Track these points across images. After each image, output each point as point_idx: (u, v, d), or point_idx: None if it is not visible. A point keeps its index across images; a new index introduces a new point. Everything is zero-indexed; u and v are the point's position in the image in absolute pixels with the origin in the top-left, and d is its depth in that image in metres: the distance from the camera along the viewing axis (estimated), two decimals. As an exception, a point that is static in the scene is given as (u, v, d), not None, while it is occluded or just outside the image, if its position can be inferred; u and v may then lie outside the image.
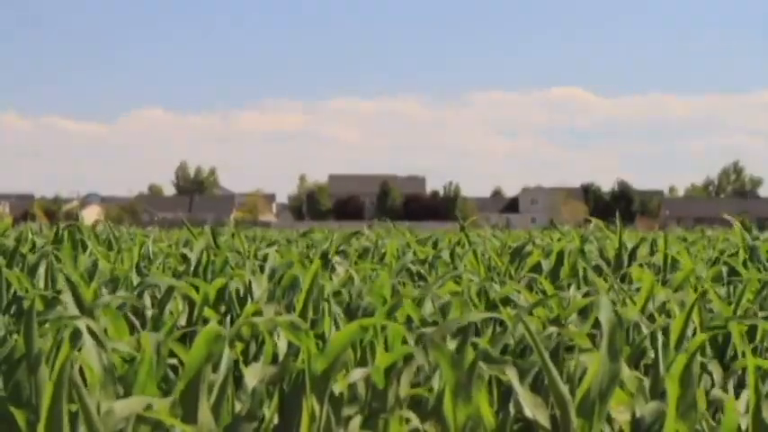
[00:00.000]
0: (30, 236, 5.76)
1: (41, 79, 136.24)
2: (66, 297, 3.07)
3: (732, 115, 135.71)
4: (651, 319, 3.32)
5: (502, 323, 3.22)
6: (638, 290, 3.73)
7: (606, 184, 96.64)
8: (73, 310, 2.92)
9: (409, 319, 3.25)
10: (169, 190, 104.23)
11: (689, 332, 2.91)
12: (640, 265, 5.02)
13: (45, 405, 2.08)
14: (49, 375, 2.47)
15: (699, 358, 2.50)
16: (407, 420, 2.55)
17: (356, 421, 2.34)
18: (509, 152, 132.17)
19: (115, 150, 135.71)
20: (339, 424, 2.48)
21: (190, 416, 2.26)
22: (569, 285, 4.12)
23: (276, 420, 2.75)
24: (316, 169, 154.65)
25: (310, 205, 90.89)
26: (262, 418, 2.48)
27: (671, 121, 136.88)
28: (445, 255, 5.50)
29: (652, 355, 2.91)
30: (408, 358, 2.64)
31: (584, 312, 3.35)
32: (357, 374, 2.57)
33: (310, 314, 3.28)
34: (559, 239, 6.67)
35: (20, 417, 2.36)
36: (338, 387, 2.55)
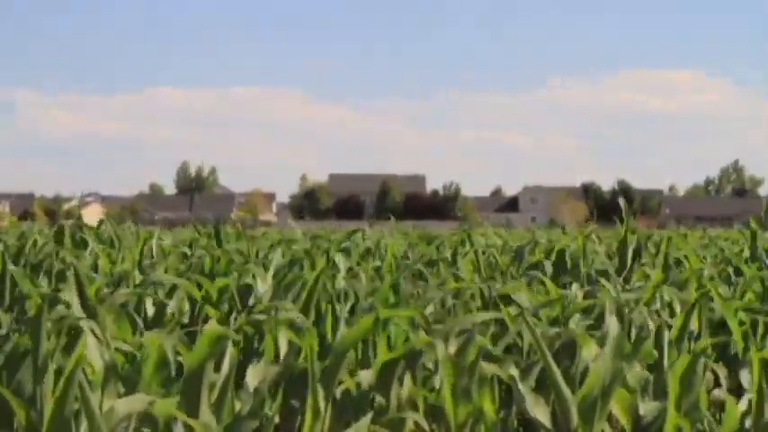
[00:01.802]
0: (32, 234, 5.77)
1: (40, 76, 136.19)
2: (67, 295, 3.07)
3: (732, 113, 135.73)
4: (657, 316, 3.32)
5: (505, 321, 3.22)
6: (640, 288, 3.73)
7: (606, 184, 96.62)
8: (77, 308, 2.92)
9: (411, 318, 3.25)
10: (170, 189, 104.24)
11: (692, 331, 2.91)
12: (643, 265, 5.02)
13: (52, 403, 2.08)
14: (52, 373, 2.47)
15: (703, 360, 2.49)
16: (412, 420, 2.55)
17: (364, 420, 2.34)
18: (509, 151, 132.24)
19: (115, 149, 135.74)
20: (343, 422, 2.48)
21: (191, 414, 2.26)
22: (571, 284, 4.12)
23: (278, 419, 2.75)
24: (316, 168, 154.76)
25: (310, 204, 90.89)
26: (265, 415, 2.48)
27: (671, 119, 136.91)
28: (448, 254, 5.50)
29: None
30: (411, 357, 2.64)
31: (587, 311, 3.35)
32: (363, 375, 2.57)
33: (313, 313, 3.28)
34: (562, 237, 6.66)
35: (20, 413, 2.36)
36: (343, 386, 2.55)
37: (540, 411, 2.40)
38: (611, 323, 2.40)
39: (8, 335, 2.94)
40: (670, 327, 2.90)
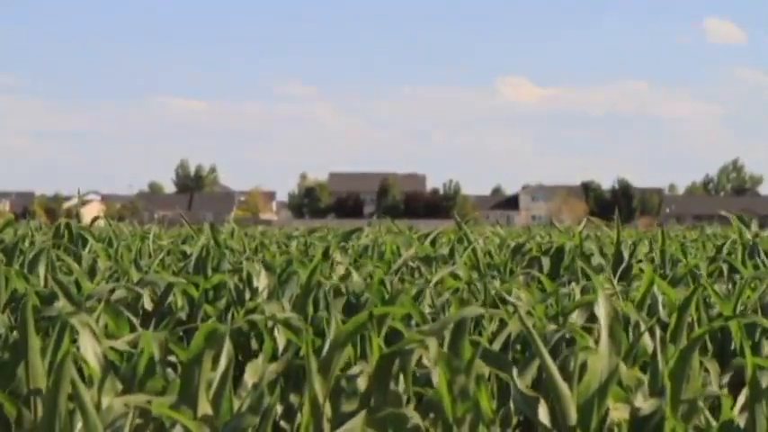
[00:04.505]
0: (30, 232, 5.76)
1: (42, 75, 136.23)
2: (63, 293, 3.07)
3: (731, 112, 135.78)
4: (651, 315, 3.32)
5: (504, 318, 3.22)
6: (638, 287, 3.73)
7: (606, 182, 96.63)
8: (72, 305, 2.93)
9: (408, 316, 3.25)
10: (169, 188, 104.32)
11: (688, 330, 2.91)
12: (639, 261, 5.02)
13: (43, 402, 2.08)
14: (47, 372, 2.47)
15: (697, 356, 2.49)
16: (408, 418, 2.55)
17: (359, 416, 2.34)
18: (509, 150, 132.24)
19: (115, 148, 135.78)
20: (340, 418, 2.48)
21: (188, 411, 2.26)
22: (569, 282, 4.12)
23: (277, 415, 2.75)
24: (316, 167, 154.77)
25: (310, 203, 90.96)
26: (267, 410, 2.48)
27: (671, 118, 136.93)
28: (445, 251, 5.50)
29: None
30: (407, 354, 2.64)
31: (585, 307, 3.35)
32: (357, 369, 2.57)
33: (310, 310, 3.28)
34: (559, 235, 6.67)
35: (12, 412, 2.36)
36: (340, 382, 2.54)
37: (538, 408, 2.40)
38: (607, 319, 2.40)
39: (6, 333, 2.94)
40: (665, 324, 2.90)
